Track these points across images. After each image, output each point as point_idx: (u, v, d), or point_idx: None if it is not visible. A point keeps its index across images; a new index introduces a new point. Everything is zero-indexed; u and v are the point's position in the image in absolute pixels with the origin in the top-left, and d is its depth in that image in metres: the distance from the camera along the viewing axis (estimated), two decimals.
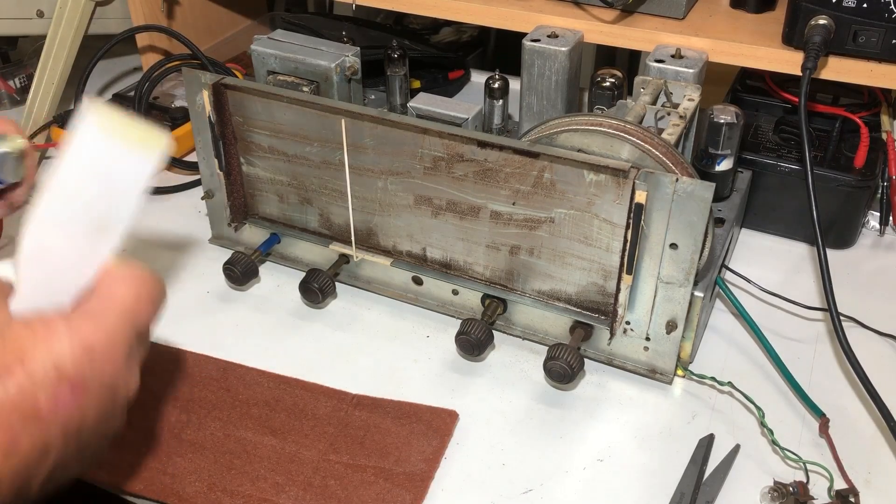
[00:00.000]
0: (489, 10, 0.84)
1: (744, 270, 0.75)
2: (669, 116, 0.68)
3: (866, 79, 0.73)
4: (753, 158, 0.81)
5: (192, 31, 1.07)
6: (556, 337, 0.70)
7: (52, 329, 0.41)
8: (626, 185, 0.60)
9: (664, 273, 0.62)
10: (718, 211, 0.75)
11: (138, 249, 0.83)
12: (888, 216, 0.84)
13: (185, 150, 0.95)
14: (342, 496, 0.58)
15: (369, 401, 0.66)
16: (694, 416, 0.65)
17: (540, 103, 0.79)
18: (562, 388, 0.67)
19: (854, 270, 0.80)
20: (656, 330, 0.65)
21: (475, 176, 0.66)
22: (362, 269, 0.76)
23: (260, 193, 0.78)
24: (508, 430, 0.64)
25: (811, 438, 0.63)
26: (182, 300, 0.77)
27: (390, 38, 0.85)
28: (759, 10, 0.81)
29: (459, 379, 0.68)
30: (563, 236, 0.65)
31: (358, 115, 0.68)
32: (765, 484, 0.59)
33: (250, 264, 0.75)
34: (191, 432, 0.63)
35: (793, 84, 0.86)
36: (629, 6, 0.79)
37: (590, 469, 0.61)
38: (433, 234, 0.71)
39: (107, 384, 0.43)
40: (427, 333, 0.73)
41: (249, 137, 0.75)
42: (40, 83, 0.92)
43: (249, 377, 0.68)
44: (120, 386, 0.44)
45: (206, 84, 0.72)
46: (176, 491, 0.58)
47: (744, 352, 0.71)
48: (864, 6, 0.69)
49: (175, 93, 0.98)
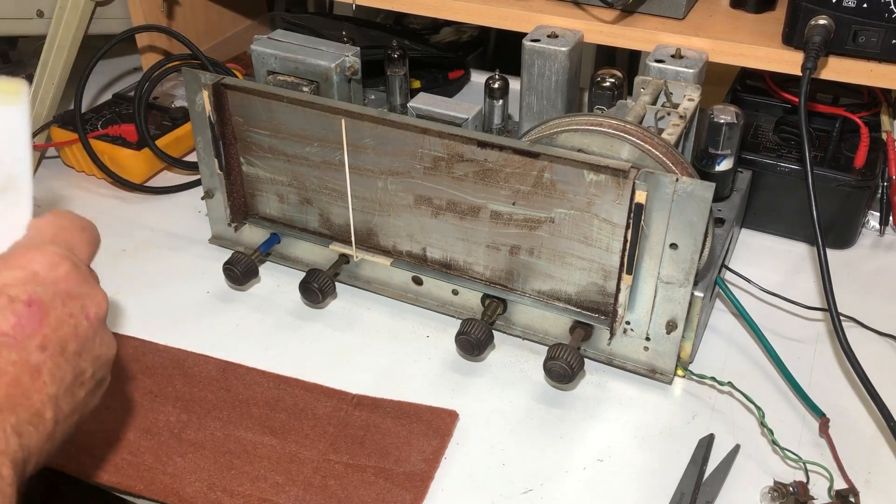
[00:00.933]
0: (489, 10, 0.84)
1: (744, 270, 0.75)
2: (669, 116, 0.68)
3: (866, 79, 0.73)
4: (753, 158, 0.81)
5: (192, 31, 1.07)
6: (556, 337, 0.70)
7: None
8: (626, 185, 0.60)
9: (664, 273, 0.62)
10: (718, 211, 0.75)
11: (138, 249, 0.83)
12: (888, 216, 0.84)
13: (185, 150, 0.95)
14: (342, 496, 0.58)
15: (369, 401, 0.66)
16: (694, 416, 0.65)
17: (540, 103, 0.79)
18: (562, 388, 0.67)
19: (854, 270, 0.80)
20: (656, 330, 0.65)
21: (475, 176, 0.66)
22: (362, 269, 0.76)
23: (260, 193, 0.78)
24: (508, 430, 0.64)
25: (811, 438, 0.63)
26: (182, 300, 0.77)
27: (390, 38, 0.85)
28: (759, 10, 0.81)
29: (459, 379, 0.68)
30: (563, 236, 0.65)
31: (358, 115, 0.68)
32: (765, 484, 0.59)
33: (250, 264, 0.75)
34: (191, 432, 0.63)
35: (793, 84, 0.86)
36: (629, 6, 0.79)
37: (590, 469, 0.61)
38: (433, 234, 0.71)
39: (65, 294, 0.43)
40: (427, 333, 0.73)
41: (249, 137, 0.75)
42: (40, 83, 0.92)
43: (249, 377, 0.68)
44: (83, 297, 0.44)
45: (206, 84, 0.72)
46: (176, 491, 0.58)
47: (744, 352, 0.71)
48: (864, 6, 0.69)
49: (175, 93, 0.98)
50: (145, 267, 0.81)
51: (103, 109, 0.96)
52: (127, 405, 0.65)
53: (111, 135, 0.90)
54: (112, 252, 0.82)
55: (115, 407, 0.64)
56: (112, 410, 0.64)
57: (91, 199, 0.92)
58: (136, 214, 0.89)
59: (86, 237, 0.48)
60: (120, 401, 0.65)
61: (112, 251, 0.83)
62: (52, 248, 0.44)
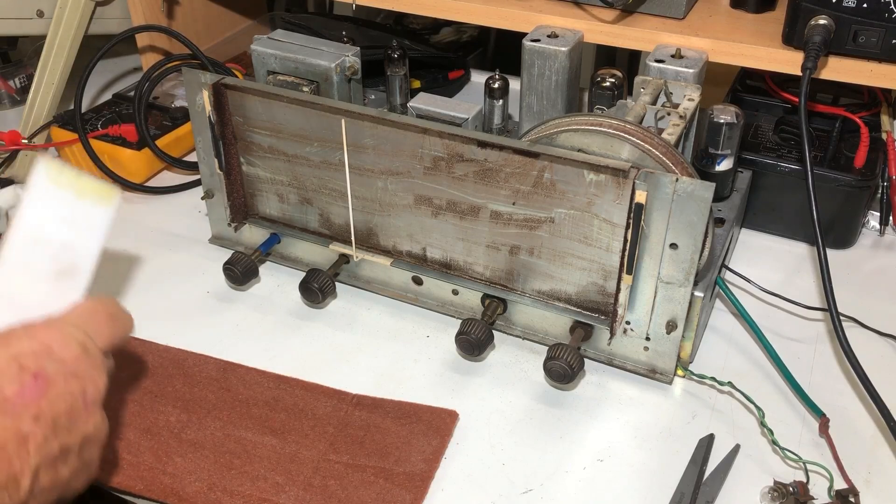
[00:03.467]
0: (489, 10, 0.84)
1: (744, 270, 0.75)
2: (669, 116, 0.68)
3: (866, 79, 0.73)
4: (753, 158, 0.81)
5: (192, 31, 1.07)
6: (556, 337, 0.70)
7: (12, 333, 0.46)
8: (626, 185, 0.60)
9: (664, 273, 0.62)
10: (718, 211, 0.75)
11: (139, 249, 0.83)
12: (888, 216, 0.84)
13: (185, 150, 0.95)
14: (342, 496, 0.58)
15: (369, 401, 0.66)
16: (694, 416, 0.65)
17: (540, 103, 0.79)
18: (562, 388, 0.67)
19: (854, 270, 0.80)
20: (656, 330, 0.65)
21: (475, 176, 0.66)
22: (362, 269, 0.76)
23: (260, 193, 0.78)
24: (508, 430, 0.64)
25: (811, 438, 0.63)
26: (182, 300, 0.77)
27: (390, 38, 0.85)
28: (759, 10, 0.81)
29: (459, 379, 0.68)
30: (563, 236, 0.65)
31: (358, 115, 0.68)
32: (765, 484, 0.59)
33: (250, 264, 0.75)
34: (191, 432, 0.63)
35: (793, 84, 0.86)
36: (629, 6, 0.79)
37: (590, 469, 0.61)
38: (433, 234, 0.71)
39: (70, 374, 0.46)
40: (427, 333, 0.73)
41: (249, 137, 0.75)
42: (40, 83, 0.92)
43: (249, 377, 0.68)
44: (86, 379, 0.47)
45: (206, 84, 0.72)
46: (176, 491, 0.58)
47: (744, 352, 0.71)
48: (864, 6, 0.69)
49: (175, 93, 0.98)
50: (145, 267, 0.81)
51: (103, 109, 0.96)
52: (127, 405, 0.65)
53: (111, 135, 0.90)
54: (112, 252, 0.82)
55: (115, 407, 0.65)
56: (112, 410, 0.64)
57: None
58: (136, 214, 0.89)
59: (112, 327, 0.51)
60: (120, 401, 0.65)
61: (112, 251, 0.82)
62: (72, 329, 0.48)
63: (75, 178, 0.50)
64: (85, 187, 0.50)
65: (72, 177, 0.49)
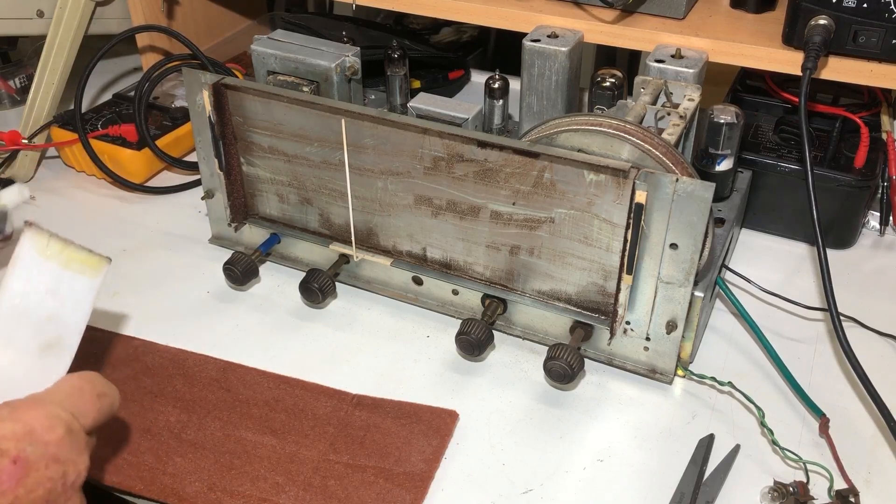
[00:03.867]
0: (489, 10, 0.84)
1: (744, 270, 0.75)
2: (669, 116, 0.68)
3: (866, 79, 0.73)
4: (753, 158, 0.81)
5: (192, 31, 1.07)
6: (556, 337, 0.70)
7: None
8: (626, 185, 0.60)
9: (664, 273, 0.62)
10: (718, 211, 0.75)
11: (138, 249, 0.83)
12: (888, 216, 0.84)
13: (185, 150, 0.95)
14: (342, 496, 0.58)
15: (369, 401, 0.66)
16: (694, 416, 0.65)
17: (540, 103, 0.79)
18: (562, 388, 0.67)
19: (854, 270, 0.80)
20: (656, 330, 0.65)
21: (475, 176, 0.66)
22: (362, 269, 0.76)
23: (260, 193, 0.78)
24: (508, 430, 0.64)
25: (811, 438, 0.63)
26: (182, 300, 0.77)
27: (390, 38, 0.85)
28: (759, 10, 0.81)
29: (459, 379, 0.68)
30: (563, 236, 0.65)
31: (358, 115, 0.68)
32: (765, 484, 0.59)
33: (250, 264, 0.75)
34: (191, 432, 0.63)
35: (793, 84, 0.86)
36: (629, 6, 0.79)
37: (590, 469, 0.61)
38: (433, 234, 0.71)
39: (52, 458, 0.45)
40: (427, 333, 0.73)
41: (249, 137, 0.75)
42: (40, 83, 0.92)
43: (249, 377, 0.68)
44: (67, 463, 0.46)
45: (206, 84, 0.72)
46: (176, 491, 0.58)
47: (744, 352, 0.71)
48: (864, 6, 0.69)
49: (175, 93, 0.98)
50: (145, 267, 0.81)
51: (103, 109, 0.96)
52: (127, 405, 0.65)
53: (111, 135, 0.90)
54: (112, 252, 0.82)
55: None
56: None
57: (91, 199, 0.92)
58: (136, 214, 0.89)
59: (98, 404, 0.49)
60: (120, 401, 0.65)
61: (112, 251, 0.82)
62: (56, 409, 0.46)
63: (62, 248, 0.49)
64: (72, 258, 0.49)
65: (59, 247, 0.49)
